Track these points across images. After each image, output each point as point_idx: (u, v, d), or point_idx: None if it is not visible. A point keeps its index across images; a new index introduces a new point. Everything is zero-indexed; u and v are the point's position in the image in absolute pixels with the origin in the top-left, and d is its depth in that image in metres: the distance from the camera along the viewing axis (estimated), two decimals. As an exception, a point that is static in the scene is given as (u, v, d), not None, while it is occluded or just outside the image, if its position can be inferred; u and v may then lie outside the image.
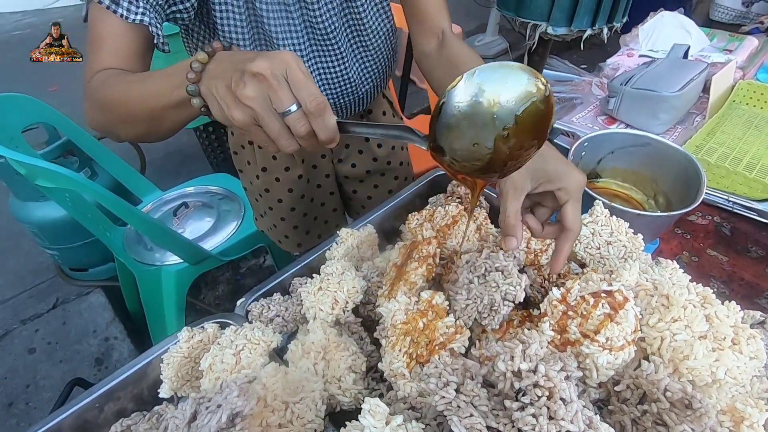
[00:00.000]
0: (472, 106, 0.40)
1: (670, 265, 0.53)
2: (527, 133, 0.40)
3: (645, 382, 0.39)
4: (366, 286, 0.60)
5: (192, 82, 0.46)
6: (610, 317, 0.42)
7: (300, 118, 0.42)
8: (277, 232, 1.07)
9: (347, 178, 1.05)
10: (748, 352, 0.41)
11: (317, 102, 0.42)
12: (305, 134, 0.43)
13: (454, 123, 0.41)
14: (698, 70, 1.11)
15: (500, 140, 0.40)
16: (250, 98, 0.41)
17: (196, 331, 0.57)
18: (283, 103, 0.41)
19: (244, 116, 0.43)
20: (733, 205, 0.88)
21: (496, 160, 0.42)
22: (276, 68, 0.41)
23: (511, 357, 0.32)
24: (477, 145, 0.41)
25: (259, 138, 0.45)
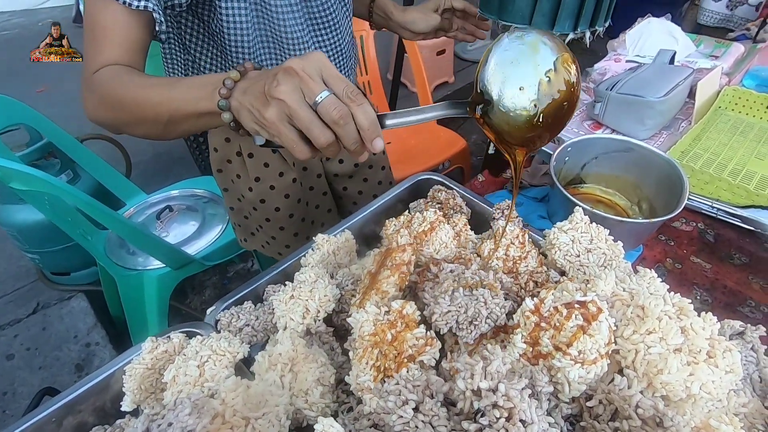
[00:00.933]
0: (517, 51, 0.45)
1: (648, 274, 0.51)
2: (563, 85, 0.45)
3: (617, 398, 0.37)
4: (339, 295, 0.59)
5: (224, 98, 0.48)
6: (583, 329, 0.41)
7: (332, 102, 0.43)
8: (275, 245, 1.02)
9: (337, 176, 1.03)
10: (723, 365, 0.39)
11: (352, 89, 0.44)
12: (339, 118, 0.43)
13: (501, 70, 0.45)
14: (684, 75, 1.11)
15: (544, 85, 0.44)
16: (282, 92, 0.43)
17: (160, 341, 0.55)
18: (314, 91, 0.43)
19: (276, 112, 0.44)
20: (717, 211, 0.87)
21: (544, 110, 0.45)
22: (308, 65, 0.43)
23: (471, 375, 0.30)
24: (522, 90, 0.45)
25: (289, 137, 0.45)
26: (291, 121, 0.44)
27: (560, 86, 0.45)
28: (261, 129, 0.47)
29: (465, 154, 1.92)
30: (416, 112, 0.47)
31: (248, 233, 1.04)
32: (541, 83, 0.44)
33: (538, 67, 0.44)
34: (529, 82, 0.45)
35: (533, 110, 0.45)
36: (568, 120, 0.48)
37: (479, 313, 0.46)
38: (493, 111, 0.46)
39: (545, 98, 0.45)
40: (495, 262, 0.61)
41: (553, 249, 0.62)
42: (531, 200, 0.94)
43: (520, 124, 0.46)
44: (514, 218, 0.70)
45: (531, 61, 0.44)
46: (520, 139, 0.49)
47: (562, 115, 0.47)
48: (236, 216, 1.01)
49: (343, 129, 0.44)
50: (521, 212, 0.72)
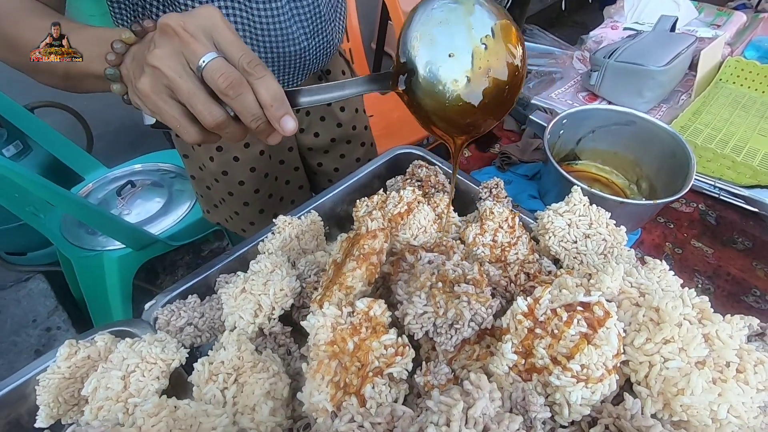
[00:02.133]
0: (448, 10, 0.36)
1: (659, 266, 0.44)
2: (503, 54, 0.36)
3: (628, 426, 0.30)
4: (299, 288, 0.50)
5: (112, 65, 0.39)
6: (587, 338, 0.33)
7: (219, 66, 0.34)
8: (239, 221, 0.93)
9: (311, 149, 0.93)
10: (755, 383, 0.32)
11: (251, 57, 0.35)
12: (228, 86, 0.34)
13: (428, 30, 0.36)
14: (686, 44, 1.02)
15: (480, 54, 0.36)
16: (156, 56, 0.34)
17: (81, 345, 0.46)
18: (197, 53, 0.34)
19: (150, 81, 0.35)
20: (720, 191, 0.81)
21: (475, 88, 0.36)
22: (190, 22, 0.34)
23: (447, 422, 0.22)
24: (452, 57, 0.36)
25: (170, 112, 0.36)
26: (173, 95, 0.35)
27: (500, 58, 0.36)
28: (140, 102, 0.37)
29: (451, 129, 1.82)
30: (335, 88, 0.38)
31: (211, 205, 0.94)
32: (475, 51, 0.36)
33: (473, 30, 0.36)
34: (461, 47, 0.36)
35: (465, 84, 0.36)
36: (511, 103, 0.39)
37: (461, 315, 0.38)
38: (418, 83, 0.37)
39: (481, 71, 0.36)
40: (481, 250, 0.53)
41: (546, 234, 0.54)
42: (521, 178, 0.86)
43: (451, 102, 0.37)
44: (503, 198, 0.62)
45: (463, 22, 0.36)
46: (450, 122, 0.39)
47: (504, 97, 0.38)
48: (198, 185, 0.91)
49: (237, 101, 0.35)
50: (511, 191, 0.64)
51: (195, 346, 0.50)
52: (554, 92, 1.06)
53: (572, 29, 3.36)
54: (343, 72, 0.88)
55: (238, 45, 0.35)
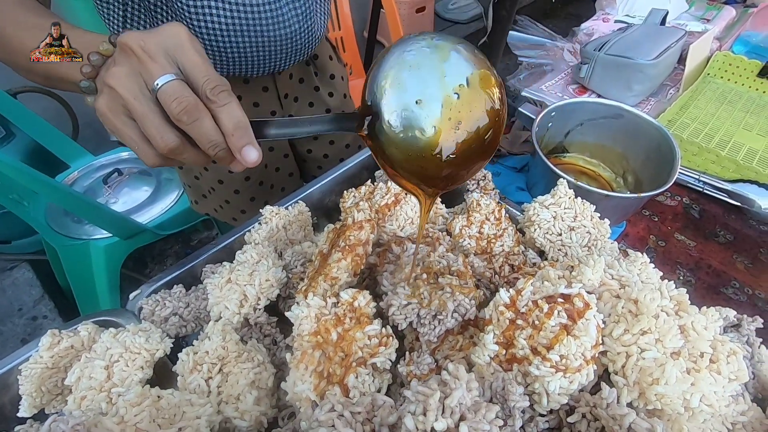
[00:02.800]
0: (421, 55, 0.33)
1: (640, 258, 0.45)
2: (477, 110, 0.33)
3: (604, 414, 0.31)
4: (285, 279, 0.50)
5: (87, 77, 0.37)
6: (567, 329, 0.34)
7: (174, 90, 0.32)
8: (229, 210, 0.92)
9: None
10: (727, 373, 0.33)
11: (215, 83, 0.33)
12: (181, 112, 0.32)
13: (397, 73, 0.33)
14: (676, 37, 1.03)
15: (451, 104, 0.32)
16: (112, 76, 0.33)
17: (64, 335, 0.46)
18: (152, 75, 0.32)
19: (107, 102, 0.33)
20: (704, 185, 0.82)
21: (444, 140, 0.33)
22: (150, 40, 0.33)
23: (424, 411, 0.23)
24: (420, 104, 0.33)
25: (127, 133, 0.34)
26: (130, 115, 0.34)
27: (474, 110, 0.33)
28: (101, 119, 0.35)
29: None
30: (303, 123, 0.36)
31: (199, 195, 0.93)
32: (446, 101, 0.32)
33: (445, 78, 0.32)
34: (431, 95, 0.32)
35: (431, 134, 0.33)
36: (489, 156, 0.36)
37: (445, 306, 0.38)
38: (382, 129, 0.34)
39: (450, 123, 0.33)
40: (467, 241, 0.53)
41: (532, 226, 0.54)
42: (509, 170, 0.87)
43: (416, 152, 0.34)
44: (490, 190, 0.62)
45: (437, 68, 0.32)
46: (416, 174, 0.36)
47: (482, 150, 0.35)
48: (186, 175, 0.90)
49: (193, 127, 0.33)
50: (498, 183, 0.65)
51: (180, 336, 0.50)
52: (544, 84, 1.07)
53: (566, 20, 3.35)
54: (330, 57, 0.87)
55: (203, 68, 0.34)
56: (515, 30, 1.16)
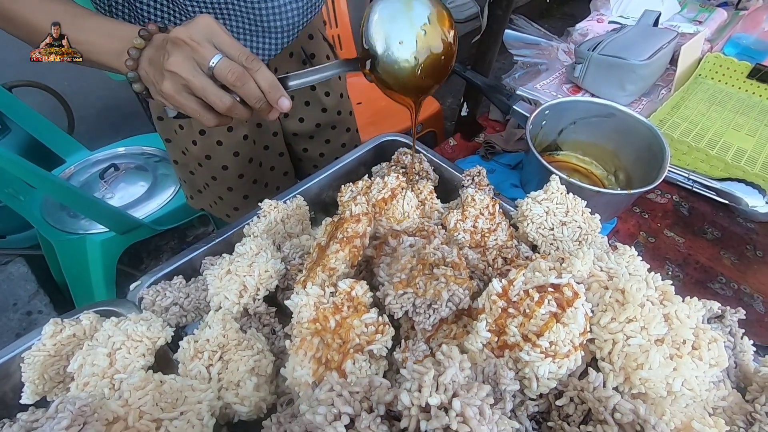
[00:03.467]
0: (394, 9, 0.48)
1: (628, 251, 0.46)
2: (438, 34, 0.48)
3: (591, 398, 0.32)
4: (284, 270, 0.51)
5: (131, 69, 0.47)
6: (556, 317, 0.35)
7: (226, 65, 0.43)
8: (223, 206, 0.93)
9: (296, 135, 0.93)
10: (708, 358, 0.35)
11: (247, 54, 0.44)
12: (236, 79, 0.43)
13: (381, 26, 0.48)
14: (668, 38, 1.05)
15: (421, 39, 0.48)
16: (172, 63, 0.42)
17: (66, 324, 0.46)
18: (206, 57, 0.43)
19: (171, 85, 0.44)
20: (693, 183, 0.84)
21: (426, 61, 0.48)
22: (195, 32, 0.42)
23: (419, 387, 0.24)
24: (402, 44, 0.48)
25: (190, 106, 0.45)
26: (190, 91, 0.44)
27: (436, 38, 0.48)
28: (166, 103, 0.47)
29: (438, 118, 1.83)
30: (315, 72, 0.49)
31: (195, 190, 0.94)
32: (418, 37, 0.48)
33: (413, 21, 0.47)
34: (407, 36, 0.48)
35: (414, 62, 0.48)
36: (449, 69, 0.51)
37: (439, 296, 0.40)
38: (380, 65, 0.49)
39: (423, 50, 0.48)
40: (461, 235, 0.54)
41: (525, 221, 0.56)
42: (504, 167, 0.88)
43: (405, 75, 0.49)
44: (485, 186, 0.64)
45: (407, 17, 0.47)
46: (407, 88, 0.51)
47: (441, 66, 0.50)
48: (181, 170, 0.91)
49: (244, 89, 0.44)
50: (493, 180, 0.66)
51: (180, 326, 0.51)
52: (539, 83, 1.08)
53: (561, 20, 3.37)
54: (328, 57, 0.88)
55: (235, 45, 0.44)
56: (511, 29, 1.18)
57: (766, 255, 0.76)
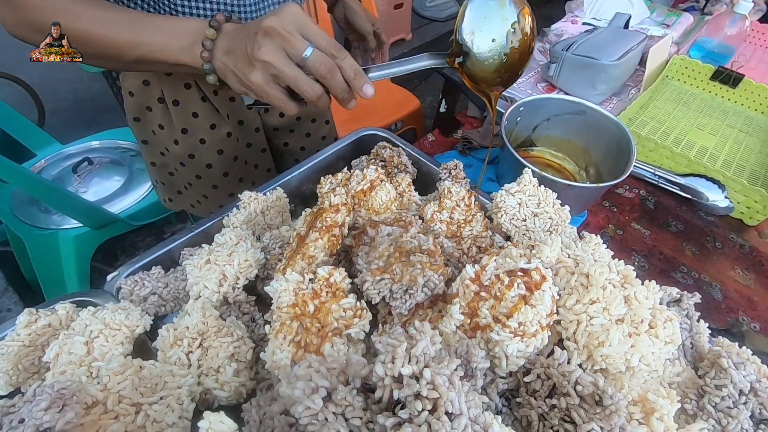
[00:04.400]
0: (488, 7, 0.50)
1: (593, 239, 0.49)
2: (524, 31, 0.50)
3: (556, 373, 0.34)
4: (264, 259, 0.52)
5: (206, 61, 0.48)
6: (525, 299, 0.37)
7: (319, 57, 0.45)
8: (208, 205, 0.91)
9: (276, 130, 0.93)
10: (663, 336, 0.37)
11: (334, 43, 0.45)
12: (327, 72, 0.45)
13: (477, 25, 0.50)
14: (637, 40, 1.09)
15: (510, 35, 0.50)
16: (265, 53, 0.43)
17: (41, 314, 0.46)
18: (299, 49, 0.44)
19: (262, 75, 0.45)
20: (659, 179, 0.88)
21: (510, 58, 0.51)
22: (287, 23, 0.43)
23: (392, 358, 0.25)
24: (494, 41, 0.50)
25: (277, 97, 0.47)
26: (277, 81, 0.46)
27: (522, 35, 0.51)
28: (249, 91, 0.48)
29: (418, 115, 1.85)
30: (399, 64, 0.51)
31: (174, 192, 0.92)
32: (508, 34, 0.50)
33: (506, 20, 0.50)
34: (500, 34, 0.50)
35: (504, 58, 0.51)
36: (528, 62, 0.54)
37: (415, 281, 0.41)
38: (471, 61, 0.51)
39: (511, 47, 0.51)
40: (438, 226, 0.56)
41: (499, 212, 0.58)
42: (481, 162, 0.90)
43: (493, 70, 0.52)
44: (461, 179, 0.66)
45: (500, 15, 0.50)
46: (492, 82, 0.54)
47: (524, 59, 0.53)
48: (159, 173, 0.89)
49: (332, 81, 0.46)
50: (469, 174, 0.68)
51: (159, 316, 0.51)
52: (515, 82, 1.11)
53: (539, 22, 3.45)
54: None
55: (322, 35, 0.45)
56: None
57: (724, 246, 0.80)
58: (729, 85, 1.15)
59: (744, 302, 0.72)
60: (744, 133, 1.07)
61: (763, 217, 0.82)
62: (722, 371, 0.39)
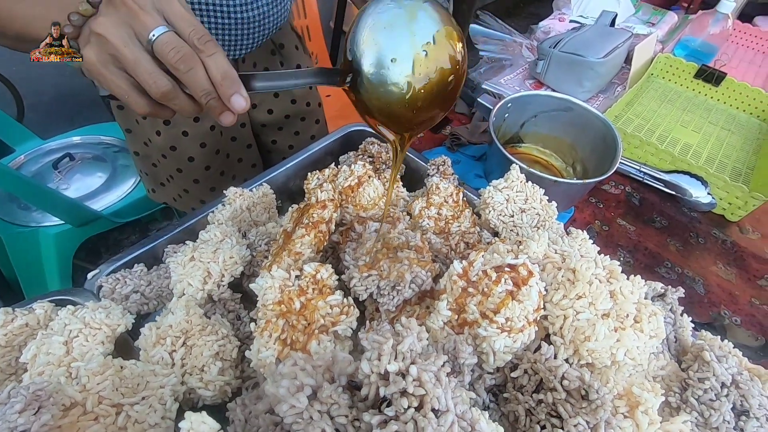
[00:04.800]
0: (393, 15, 0.36)
1: (580, 235, 0.49)
2: (444, 59, 0.37)
3: (543, 368, 0.34)
4: (249, 256, 0.51)
5: (70, 38, 0.37)
6: (512, 295, 0.37)
7: (171, 41, 0.34)
8: (189, 199, 0.90)
9: (264, 126, 0.91)
10: (648, 330, 0.38)
11: (202, 33, 0.35)
12: (179, 60, 0.34)
13: (372, 35, 0.37)
14: (623, 38, 1.10)
15: (420, 61, 0.37)
16: (101, 24, 0.34)
17: (18, 313, 0.45)
18: (147, 26, 0.34)
19: (95, 51, 0.35)
20: (644, 175, 0.89)
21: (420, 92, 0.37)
22: None
23: (378, 355, 0.25)
24: (394, 62, 0.37)
25: (116, 84, 0.36)
26: (118, 64, 0.35)
27: (441, 64, 0.37)
28: (87, 73, 0.37)
29: (407, 112, 1.84)
30: (288, 76, 0.40)
31: (157, 183, 0.91)
32: (416, 58, 0.36)
33: (414, 37, 0.36)
34: (403, 53, 0.36)
35: (406, 88, 0.37)
36: (453, 101, 0.41)
37: (402, 277, 0.41)
38: (363, 84, 0.38)
39: (421, 77, 0.37)
40: (426, 222, 0.56)
41: (487, 209, 0.58)
42: (469, 158, 0.90)
43: (393, 103, 0.38)
44: (449, 175, 0.66)
45: (407, 28, 0.36)
46: (394, 120, 0.40)
47: (446, 96, 0.40)
48: (142, 163, 0.87)
49: (188, 76, 0.35)
50: (458, 170, 0.68)
51: (141, 314, 0.50)
52: (503, 78, 1.11)
53: (526, 20, 3.47)
54: (296, 47, 0.87)
55: (189, 19, 0.35)
56: (477, 24, 1.20)
57: (707, 242, 0.82)
58: (712, 84, 1.17)
59: (725, 296, 0.73)
60: (726, 130, 1.09)
61: (744, 213, 0.83)
62: (705, 364, 0.39)
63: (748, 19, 1.50)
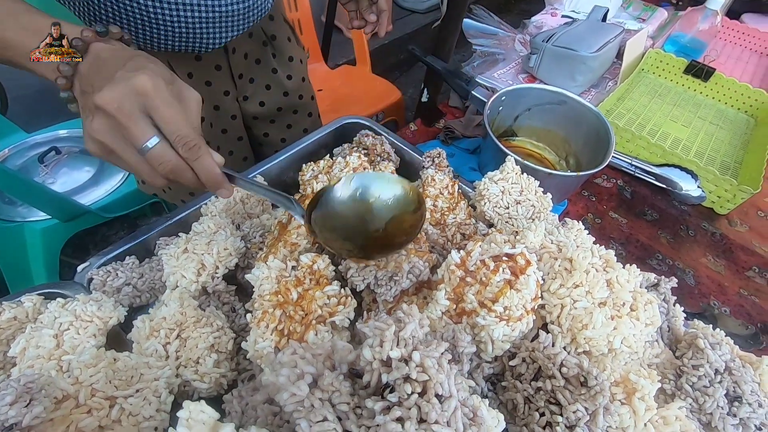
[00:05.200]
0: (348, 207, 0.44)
1: (576, 225, 0.49)
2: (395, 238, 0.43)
3: (541, 356, 0.34)
4: (244, 248, 0.50)
5: (64, 89, 0.40)
6: (510, 284, 0.37)
7: (160, 155, 0.37)
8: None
9: (256, 119, 0.90)
10: (644, 318, 0.38)
11: (187, 138, 0.37)
12: (169, 172, 0.37)
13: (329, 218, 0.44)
14: (615, 33, 1.11)
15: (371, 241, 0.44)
16: (96, 131, 0.36)
17: (6, 306, 0.44)
18: (138, 139, 0.36)
19: (97, 150, 0.38)
20: (635, 169, 0.90)
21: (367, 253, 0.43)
22: (125, 101, 0.35)
23: (380, 342, 0.25)
24: (347, 242, 0.43)
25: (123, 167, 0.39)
26: None
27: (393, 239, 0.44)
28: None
29: (400, 107, 1.84)
30: (265, 189, 0.45)
31: None
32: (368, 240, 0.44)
33: (367, 225, 0.44)
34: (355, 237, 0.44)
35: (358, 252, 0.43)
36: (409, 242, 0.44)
37: (400, 267, 0.41)
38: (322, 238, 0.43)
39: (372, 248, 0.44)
40: (422, 213, 0.55)
41: (482, 200, 0.58)
42: (463, 151, 0.90)
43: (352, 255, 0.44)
44: (445, 167, 0.65)
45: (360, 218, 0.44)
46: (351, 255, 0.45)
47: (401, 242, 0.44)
48: None
49: (180, 179, 0.39)
50: (453, 163, 0.68)
51: (134, 307, 0.49)
52: (496, 72, 1.11)
53: (519, 16, 3.47)
54: (289, 39, 0.86)
55: (174, 123, 0.37)
56: (471, 18, 1.20)
57: (697, 234, 0.83)
58: (701, 79, 1.18)
59: (715, 287, 0.74)
60: (715, 125, 1.10)
61: (732, 206, 0.85)
62: (699, 351, 0.40)
63: (735, 16, 1.52)
